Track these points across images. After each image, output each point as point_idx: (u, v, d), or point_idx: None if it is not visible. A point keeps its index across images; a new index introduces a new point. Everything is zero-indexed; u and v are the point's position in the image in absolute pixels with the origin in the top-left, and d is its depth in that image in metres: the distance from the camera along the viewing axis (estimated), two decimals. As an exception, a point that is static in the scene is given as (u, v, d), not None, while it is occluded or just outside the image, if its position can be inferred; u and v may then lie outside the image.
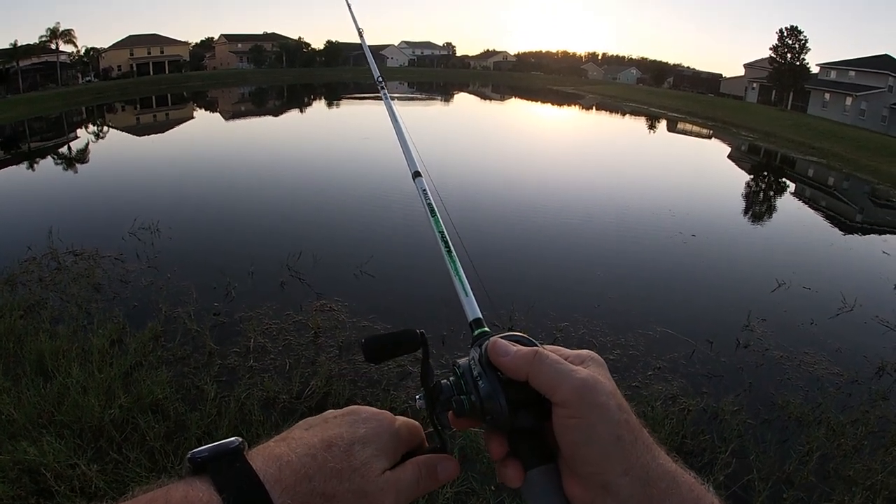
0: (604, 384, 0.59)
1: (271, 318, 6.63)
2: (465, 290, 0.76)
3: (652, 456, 0.57)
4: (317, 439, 0.59)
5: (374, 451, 0.61)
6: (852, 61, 51.27)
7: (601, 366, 0.63)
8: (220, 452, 0.54)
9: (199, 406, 4.78)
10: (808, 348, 6.77)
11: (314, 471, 0.56)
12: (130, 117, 38.84)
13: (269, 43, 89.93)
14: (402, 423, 0.68)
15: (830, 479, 4.50)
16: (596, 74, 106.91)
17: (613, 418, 0.57)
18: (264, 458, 0.55)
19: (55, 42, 60.83)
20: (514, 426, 0.62)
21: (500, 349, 0.63)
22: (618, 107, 53.92)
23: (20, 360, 5.27)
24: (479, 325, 0.72)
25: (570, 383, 0.58)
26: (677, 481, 0.57)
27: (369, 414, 0.66)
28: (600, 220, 12.08)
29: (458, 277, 0.78)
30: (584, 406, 0.57)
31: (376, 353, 0.69)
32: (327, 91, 58.65)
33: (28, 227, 9.83)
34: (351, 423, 0.64)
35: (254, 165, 17.30)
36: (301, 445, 0.58)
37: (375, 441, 0.62)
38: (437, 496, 3.87)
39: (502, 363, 0.62)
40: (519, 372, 0.61)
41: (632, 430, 0.58)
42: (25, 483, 3.71)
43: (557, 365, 0.60)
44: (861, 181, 23.11)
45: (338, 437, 0.60)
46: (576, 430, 0.57)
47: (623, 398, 0.60)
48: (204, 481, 0.51)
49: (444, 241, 0.82)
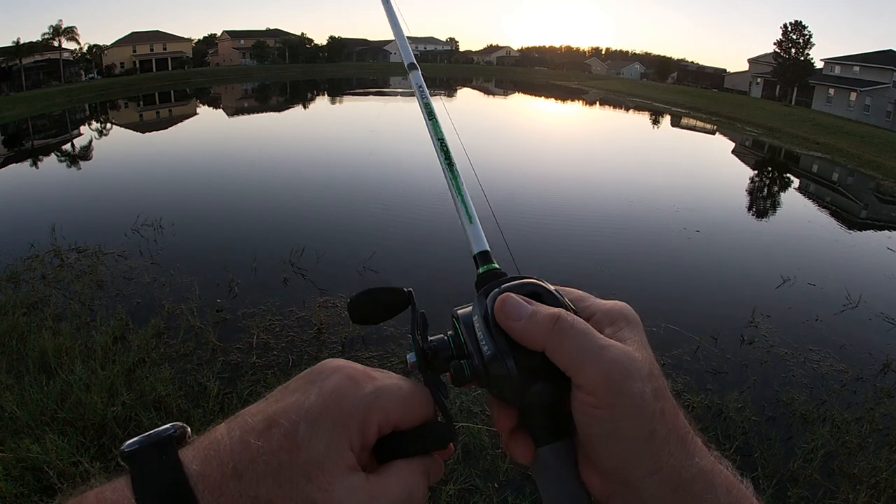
0: (639, 364, 0.49)
1: (274, 314, 6.62)
2: (468, 214, 0.65)
3: (686, 453, 0.48)
4: (261, 416, 0.45)
5: (332, 435, 0.45)
6: (857, 56, 51.15)
7: (636, 328, 0.54)
8: (148, 444, 0.44)
9: (202, 403, 4.78)
10: (812, 345, 6.75)
11: (244, 465, 0.42)
12: (133, 114, 38.85)
13: (271, 39, 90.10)
14: (393, 388, 0.50)
15: (835, 477, 4.48)
16: (599, 69, 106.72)
17: (647, 411, 0.47)
18: (198, 446, 0.45)
19: (58, 39, 61.13)
20: (526, 400, 0.52)
21: (510, 310, 0.51)
22: (621, 102, 53.78)
23: (23, 358, 5.27)
24: (485, 259, 0.61)
25: (598, 365, 0.48)
26: (713, 483, 0.48)
27: (336, 372, 0.49)
28: (604, 215, 12.04)
29: (461, 198, 0.66)
30: (613, 395, 0.47)
31: (361, 313, 0.59)
32: (331, 87, 58.64)
33: (31, 224, 9.83)
34: (305, 386, 0.48)
35: (256, 162, 17.28)
36: (241, 426, 0.45)
37: (335, 417, 0.45)
38: (440, 493, 3.86)
39: (513, 329, 0.51)
40: (534, 342, 0.50)
41: (666, 423, 0.48)
42: (28, 480, 3.71)
43: (583, 338, 0.49)
44: (866, 177, 23.02)
45: (283, 412, 0.45)
46: (600, 422, 0.48)
47: (660, 374, 0.51)
48: (125, 480, 0.42)
49: (443, 151, 0.70)
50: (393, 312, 0.58)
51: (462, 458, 4.24)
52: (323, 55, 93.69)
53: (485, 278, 0.59)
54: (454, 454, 4.24)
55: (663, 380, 0.50)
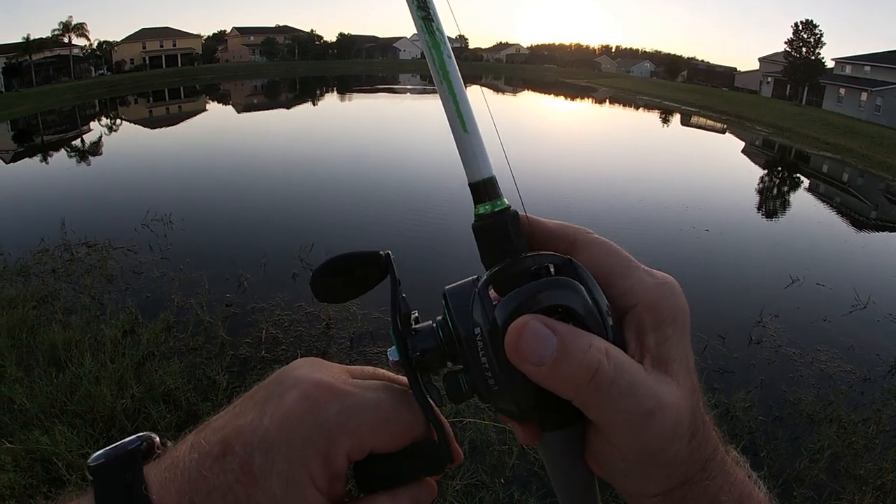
0: (682, 421, 0.40)
1: (283, 309, 6.64)
2: (462, 120, 0.46)
3: (706, 473, 0.43)
4: (218, 437, 0.41)
5: (290, 470, 0.39)
6: (868, 56, 50.72)
7: (683, 333, 0.44)
8: (113, 458, 0.41)
9: (211, 396, 4.81)
10: (820, 345, 6.72)
11: (202, 496, 0.39)
12: (143, 110, 38.99)
13: (281, 36, 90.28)
14: (368, 405, 0.42)
15: (841, 478, 4.46)
16: (609, 67, 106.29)
17: (678, 465, 0.41)
18: (160, 466, 0.41)
19: (68, 36, 61.42)
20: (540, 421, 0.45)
21: (529, 351, 0.38)
22: (631, 100, 53.59)
23: (33, 351, 5.31)
24: (491, 193, 0.45)
25: (637, 437, 0.39)
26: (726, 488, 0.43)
27: (294, 387, 0.42)
28: (613, 213, 12.00)
29: (448, 85, 0.47)
30: (645, 459, 0.41)
31: (326, 289, 0.49)
32: (340, 84, 58.66)
33: (41, 219, 9.88)
34: (264, 401, 0.43)
35: (266, 157, 17.34)
36: (199, 448, 0.41)
37: (290, 447, 0.39)
38: (447, 488, 3.88)
39: (533, 375, 0.39)
40: (559, 392, 0.40)
41: (693, 463, 0.42)
42: (38, 472, 3.75)
43: (625, 402, 0.39)
44: (876, 178, 22.84)
45: (238, 435, 0.41)
46: (618, 462, 0.42)
47: (700, 405, 0.43)
48: (90, 497, 0.40)
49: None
50: (368, 285, 0.49)
51: (469, 454, 4.24)
52: (332, 52, 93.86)
53: (492, 228, 0.45)
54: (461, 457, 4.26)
55: (702, 409, 0.44)
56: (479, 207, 0.45)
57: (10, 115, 31.13)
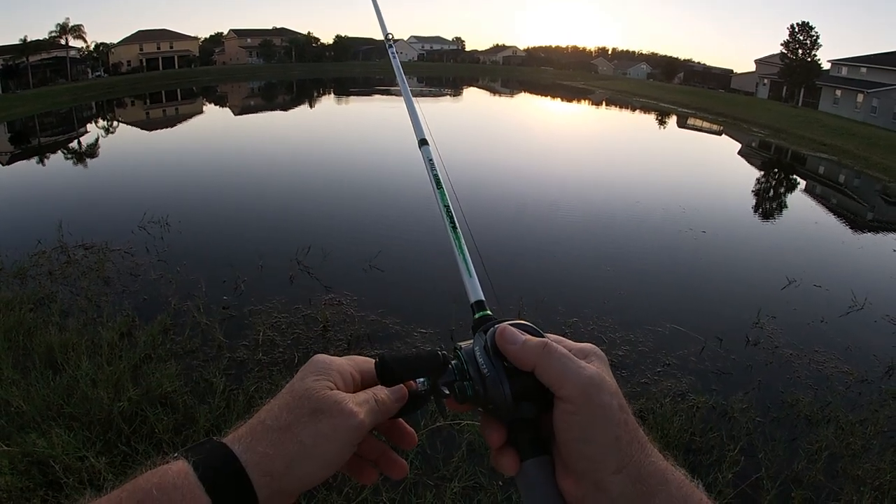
0: (608, 383, 0.59)
1: (280, 311, 6.64)
2: (468, 270, 0.76)
3: (645, 454, 0.58)
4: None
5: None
6: (864, 58, 50.73)
7: (604, 362, 0.63)
8: (193, 445, 0.59)
9: (208, 399, 4.80)
10: (817, 346, 6.73)
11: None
12: (140, 112, 39.02)
13: (278, 38, 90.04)
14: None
15: (839, 479, 4.47)
16: (606, 69, 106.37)
17: (614, 418, 0.57)
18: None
19: (65, 37, 61.12)
20: (514, 416, 0.62)
21: (508, 337, 0.62)
22: (628, 102, 53.71)
23: (30, 353, 5.30)
24: (480, 307, 0.72)
25: (578, 380, 0.58)
26: (667, 479, 0.58)
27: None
28: (610, 215, 12.04)
29: (462, 256, 0.77)
30: (588, 404, 0.57)
31: (391, 374, 0.68)
32: (336, 86, 58.62)
33: (38, 221, 9.88)
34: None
35: (263, 160, 17.36)
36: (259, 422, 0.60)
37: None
38: (446, 491, 3.87)
39: (510, 351, 0.61)
40: (526, 362, 0.60)
41: (629, 431, 0.58)
42: (34, 475, 3.73)
43: (566, 359, 0.59)
44: (872, 179, 22.90)
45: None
46: (577, 426, 0.57)
47: (623, 397, 0.60)
48: (179, 458, 0.57)
49: (448, 217, 0.81)
50: (426, 374, 0.67)
51: (467, 457, 4.25)
52: (329, 54, 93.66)
53: (480, 322, 0.69)
54: (460, 452, 4.26)
55: (626, 402, 0.60)
56: (476, 314, 0.71)
57: (6, 116, 31.09)
